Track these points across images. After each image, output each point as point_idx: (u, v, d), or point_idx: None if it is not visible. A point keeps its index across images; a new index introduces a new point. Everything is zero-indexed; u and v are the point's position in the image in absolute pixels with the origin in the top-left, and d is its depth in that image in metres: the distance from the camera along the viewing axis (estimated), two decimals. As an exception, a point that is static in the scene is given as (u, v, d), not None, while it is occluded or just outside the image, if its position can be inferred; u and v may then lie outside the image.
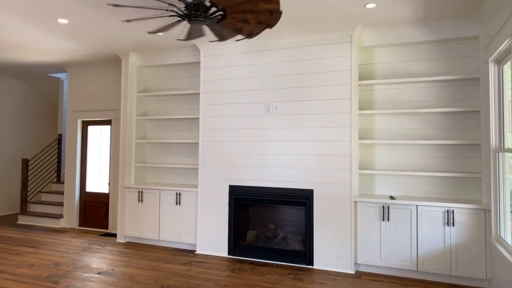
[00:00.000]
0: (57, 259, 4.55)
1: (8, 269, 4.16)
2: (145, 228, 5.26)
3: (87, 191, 6.44)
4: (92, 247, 5.12)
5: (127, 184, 5.39)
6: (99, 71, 6.29)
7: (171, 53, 5.33)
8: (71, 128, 6.48)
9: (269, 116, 4.59)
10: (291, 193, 4.46)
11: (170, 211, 5.12)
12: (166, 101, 5.65)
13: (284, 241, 4.68)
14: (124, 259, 4.59)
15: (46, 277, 3.93)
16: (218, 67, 4.87)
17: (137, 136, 5.56)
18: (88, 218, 6.39)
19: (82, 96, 6.41)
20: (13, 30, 4.49)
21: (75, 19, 4.11)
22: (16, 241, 5.43)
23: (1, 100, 7.43)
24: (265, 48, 4.64)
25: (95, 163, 6.45)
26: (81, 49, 5.31)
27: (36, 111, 8.13)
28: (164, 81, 5.68)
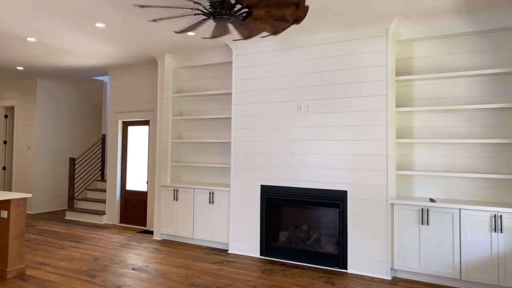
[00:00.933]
0: (96, 254, 4.75)
1: (51, 262, 4.40)
2: (180, 226, 5.35)
3: (127, 189, 6.68)
4: (130, 244, 5.29)
5: (163, 183, 5.52)
6: (138, 73, 6.50)
7: (204, 53, 5.38)
8: (113, 128, 6.75)
9: (301, 114, 4.48)
10: (324, 194, 4.33)
11: (203, 210, 5.17)
12: (200, 101, 5.72)
13: (317, 243, 4.55)
14: (158, 256, 4.69)
15: (84, 271, 4.11)
16: (249, 66, 4.84)
17: (173, 136, 5.67)
18: (128, 215, 6.63)
19: (122, 97, 6.66)
20: (57, 36, 4.75)
21: (111, 23, 4.26)
22: (62, 235, 5.74)
23: (52, 102, 7.91)
24: (296, 45, 4.54)
25: (134, 162, 6.68)
26: (120, 52, 5.51)
27: (82, 112, 8.57)
28: (199, 82, 5.74)
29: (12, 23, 4.30)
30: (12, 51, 5.53)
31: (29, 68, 6.70)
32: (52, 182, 7.95)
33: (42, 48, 5.31)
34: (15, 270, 3.89)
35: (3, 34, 4.70)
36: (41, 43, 5.08)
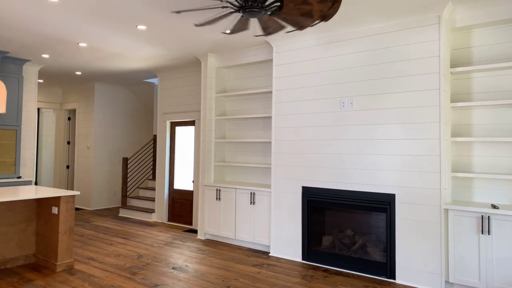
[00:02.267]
0: (141, 251, 4.87)
1: (99, 257, 4.58)
2: (223, 226, 5.32)
3: (175, 188, 6.82)
4: (174, 242, 5.36)
5: (206, 182, 5.53)
6: (184, 74, 6.61)
7: (245, 52, 5.30)
8: (161, 129, 6.94)
9: (344, 112, 4.22)
10: (370, 198, 4.03)
11: (245, 210, 5.09)
12: (243, 101, 5.65)
13: (363, 249, 4.26)
14: (199, 256, 4.69)
15: (127, 267, 4.21)
16: (290, 62, 4.66)
17: (216, 136, 5.67)
18: (176, 213, 6.76)
19: (169, 99, 6.82)
20: (104, 40, 4.95)
21: (152, 24, 4.33)
22: (113, 232, 6.00)
23: (108, 105, 8.35)
24: (339, 39, 4.28)
25: (182, 162, 6.80)
26: (165, 54, 5.62)
27: (136, 114, 8.95)
28: (241, 81, 5.68)
29: (65, 30, 4.54)
30: (68, 57, 5.89)
31: (86, 73, 7.12)
32: (109, 180, 8.39)
33: (94, 53, 5.58)
34: (64, 264, 4.09)
35: (59, 41, 5.00)
36: (92, 48, 5.33)
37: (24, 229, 4.28)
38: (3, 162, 5.78)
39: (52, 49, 5.42)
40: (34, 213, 4.36)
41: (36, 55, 5.76)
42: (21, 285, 3.63)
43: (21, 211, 4.25)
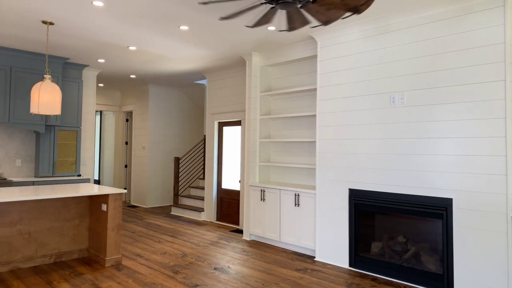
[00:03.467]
0: (186, 250, 4.92)
1: (145, 254, 4.70)
2: (268, 227, 5.21)
3: (223, 188, 6.85)
4: (220, 242, 5.36)
5: (251, 182, 5.46)
6: (230, 74, 6.61)
7: (290, 49, 5.14)
8: (210, 129, 7.01)
9: (394, 108, 3.89)
10: (424, 202, 3.67)
11: (289, 212, 4.93)
12: (288, 99, 5.50)
13: (416, 258, 3.89)
14: (243, 258, 4.62)
15: (170, 266, 4.27)
16: (335, 57, 4.42)
17: (261, 135, 5.57)
18: (224, 213, 6.79)
19: (217, 99, 6.86)
20: (151, 43, 5.08)
21: (194, 24, 4.34)
22: (163, 229, 6.16)
23: (161, 106, 8.65)
24: (389, 29, 3.96)
25: (229, 161, 6.81)
26: (211, 55, 5.65)
27: (188, 115, 9.18)
28: (286, 79, 5.53)
29: (113, 34, 4.73)
30: (121, 61, 6.16)
31: (140, 76, 7.42)
32: (162, 179, 8.68)
33: (143, 56, 5.77)
34: (112, 259, 4.25)
35: (110, 45, 5.23)
36: (141, 51, 5.51)
37: (78, 224, 4.52)
38: (65, 161, 6.20)
39: (106, 54, 5.70)
40: (87, 209, 4.59)
41: (93, 60, 6.10)
42: (72, 278, 3.81)
43: (75, 207, 4.49)
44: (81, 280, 3.76)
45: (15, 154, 5.95)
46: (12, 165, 5.92)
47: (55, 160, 6.06)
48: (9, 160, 5.89)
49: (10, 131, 5.89)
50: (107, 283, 3.67)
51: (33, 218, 4.17)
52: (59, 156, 6.13)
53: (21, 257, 4.08)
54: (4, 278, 3.77)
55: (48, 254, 4.26)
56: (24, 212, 4.11)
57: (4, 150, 5.84)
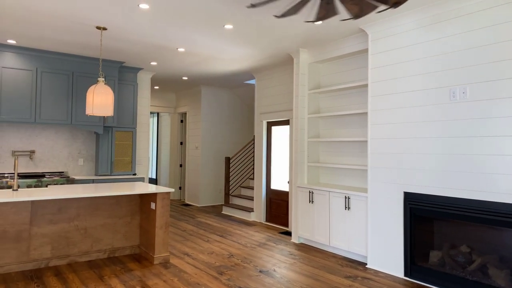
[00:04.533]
0: (233, 251, 4.88)
1: (193, 253, 4.74)
2: (316, 231, 5.01)
3: (272, 188, 6.75)
4: (267, 244, 5.26)
5: (299, 184, 5.29)
6: (278, 73, 6.48)
7: (339, 43, 4.89)
8: (258, 129, 6.95)
9: (455, 104, 3.50)
10: (493, 208, 3.25)
11: (339, 215, 4.68)
12: (338, 96, 5.24)
13: (482, 271, 3.47)
14: (290, 261, 4.47)
15: (216, 266, 4.25)
16: (387, 50, 4.11)
17: (310, 135, 5.38)
18: (273, 214, 6.68)
19: (265, 98, 6.77)
20: (198, 44, 5.12)
21: (238, 23, 4.29)
22: (212, 229, 6.21)
23: (213, 107, 8.77)
24: (448, 17, 3.58)
25: (278, 162, 6.69)
26: (258, 54, 5.57)
27: (238, 115, 9.21)
28: (335, 76, 5.28)
29: (161, 36, 4.83)
30: (172, 63, 6.31)
31: (192, 78, 7.57)
32: (215, 179, 8.80)
33: (192, 57, 5.85)
34: (160, 257, 4.33)
35: (160, 47, 5.37)
36: (189, 53, 5.59)
37: (130, 222, 4.68)
38: (122, 161, 6.50)
39: (157, 57, 5.87)
40: (137, 207, 4.74)
41: (146, 63, 6.32)
42: (122, 273, 3.94)
43: (126, 205, 4.66)
44: (130, 276, 3.86)
45: (78, 154, 6.35)
46: (75, 164, 6.33)
47: (113, 160, 6.37)
48: (72, 159, 6.30)
49: (74, 132, 6.31)
50: (154, 281, 3.74)
51: (88, 215, 4.39)
52: (116, 155, 6.44)
53: (78, 251, 4.31)
54: (61, 270, 4.00)
55: (102, 249, 4.46)
56: (81, 208, 4.34)
57: (68, 150, 6.26)
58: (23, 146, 5.90)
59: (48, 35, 4.78)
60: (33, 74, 5.52)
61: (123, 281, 3.71)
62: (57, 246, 4.18)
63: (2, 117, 5.29)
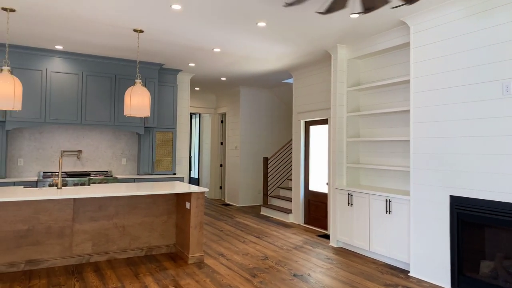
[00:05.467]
0: (268, 253, 4.79)
1: (228, 254, 4.71)
2: (355, 235, 4.78)
3: (310, 190, 6.57)
4: (304, 247, 5.11)
5: (338, 185, 5.09)
6: (315, 71, 6.30)
7: (378, 38, 4.63)
8: (296, 128, 6.80)
9: (508, 99, 3.16)
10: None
11: (380, 219, 4.43)
12: (379, 94, 4.97)
13: (542, 286, 3.10)
14: (326, 266, 4.30)
15: (249, 268, 4.18)
16: (431, 42, 3.81)
17: (349, 134, 5.15)
18: (311, 216, 6.50)
19: (303, 97, 6.61)
20: (233, 43, 5.09)
21: (271, 20, 4.19)
22: (249, 229, 6.16)
23: (252, 107, 8.74)
24: (499, 3, 3.23)
25: (316, 162, 6.50)
26: (294, 51, 5.43)
27: (277, 115, 9.11)
28: (375, 72, 5.01)
29: (196, 37, 4.86)
30: (209, 64, 6.34)
31: (230, 78, 7.58)
32: (254, 179, 8.76)
33: (228, 57, 5.84)
34: (195, 256, 4.35)
35: (196, 48, 5.41)
36: (225, 53, 5.58)
37: (166, 221, 4.74)
38: (162, 160, 6.65)
39: (194, 58, 5.92)
40: (174, 206, 4.80)
41: (184, 64, 6.41)
42: (157, 272, 3.99)
43: (163, 204, 4.73)
44: (164, 275, 3.90)
45: (121, 154, 6.59)
46: (119, 163, 6.57)
47: (154, 160, 6.53)
48: (116, 159, 6.55)
49: (117, 133, 6.54)
50: (186, 281, 3.74)
51: (127, 213, 4.50)
52: (157, 155, 6.59)
53: (117, 248, 4.44)
54: (101, 266, 4.13)
55: (140, 247, 4.56)
56: (119, 207, 4.47)
57: (112, 150, 6.51)
58: (71, 146, 6.21)
59: (91, 40, 4.99)
60: (78, 78, 5.79)
61: (156, 280, 3.75)
62: (97, 242, 4.33)
63: (51, 119, 5.60)
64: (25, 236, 3.99)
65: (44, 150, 6.01)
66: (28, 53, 5.42)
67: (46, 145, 6.02)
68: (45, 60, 5.56)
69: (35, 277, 3.76)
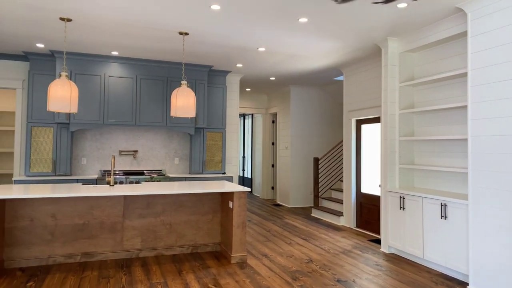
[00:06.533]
0: (313, 256, 4.64)
1: (272, 256, 4.64)
2: (408, 241, 4.45)
3: (362, 192, 6.27)
4: (353, 252, 4.88)
5: (389, 187, 4.78)
6: (366, 67, 5.99)
7: (433, 28, 4.26)
8: (347, 127, 6.53)
9: None
10: None
11: (434, 225, 4.08)
12: (435, 88, 4.58)
13: None
14: (374, 272, 4.06)
15: (292, 271, 4.07)
16: (492, 29, 3.40)
17: (402, 133, 4.82)
18: (364, 220, 6.20)
19: (354, 95, 6.33)
20: (277, 42, 5.01)
21: (313, 16, 4.05)
22: (297, 231, 6.03)
23: (302, 106, 8.58)
24: None
25: (368, 163, 6.19)
26: (341, 47, 5.22)
27: (329, 114, 8.84)
28: (431, 65, 4.62)
29: (239, 36, 4.85)
30: (256, 64, 6.33)
31: (279, 78, 7.51)
32: (305, 180, 8.60)
33: (274, 56, 5.77)
34: (238, 256, 4.34)
35: (241, 49, 5.42)
36: (270, 52, 5.52)
37: (211, 219, 4.80)
38: (212, 160, 6.77)
39: (241, 58, 5.94)
40: (219, 205, 4.84)
41: (232, 65, 6.47)
42: (199, 270, 4.05)
43: (208, 203, 4.79)
44: (206, 273, 3.95)
45: (174, 153, 6.83)
46: (172, 163, 6.82)
47: (204, 159, 6.67)
48: (169, 158, 6.80)
49: (170, 133, 6.80)
50: (226, 280, 3.75)
51: (173, 211, 4.64)
52: (208, 155, 6.73)
53: (164, 245, 4.58)
54: (148, 262, 4.30)
55: (185, 244, 4.67)
56: (166, 204, 4.61)
57: (165, 150, 6.77)
58: (128, 146, 6.57)
59: (142, 44, 5.22)
60: (133, 81, 6.10)
61: (198, 277, 3.81)
62: (146, 238, 4.51)
63: (109, 121, 5.96)
64: (81, 229, 4.28)
65: (104, 150, 6.42)
66: (88, 59, 5.83)
67: (105, 145, 6.43)
68: (103, 65, 5.94)
69: (88, 269, 4.01)
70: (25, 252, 4.08)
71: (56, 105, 4.02)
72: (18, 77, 6.07)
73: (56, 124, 5.86)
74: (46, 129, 5.85)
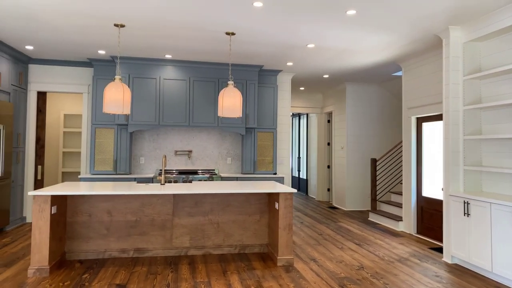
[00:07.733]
0: (365, 263, 4.37)
1: (320, 260, 4.46)
2: (473, 251, 4.00)
3: (423, 196, 5.80)
4: (409, 260, 4.51)
5: (452, 191, 4.34)
6: (427, 60, 5.51)
7: (502, 13, 3.77)
8: (406, 126, 6.09)
9: None
10: None
11: (505, 234, 3.61)
12: (508, 81, 4.06)
13: None
14: (432, 284, 3.70)
15: (340, 277, 3.86)
16: None
17: (467, 131, 4.35)
18: (425, 226, 5.73)
19: (414, 91, 5.87)
20: (324, 36, 4.81)
21: (361, 6, 3.80)
22: (351, 235, 5.75)
23: (359, 104, 8.20)
24: None
25: (430, 164, 5.70)
26: (397, 40, 4.86)
27: (389, 112, 8.34)
28: (502, 54, 4.10)
29: (285, 33, 4.74)
30: (307, 61, 6.15)
31: (333, 75, 7.24)
32: (362, 182, 8.21)
33: (324, 52, 5.55)
34: (284, 259, 4.23)
35: (289, 46, 5.29)
36: (320, 48, 5.32)
37: (259, 220, 4.74)
38: (263, 160, 6.73)
39: (290, 56, 5.81)
40: (266, 206, 4.77)
41: (282, 64, 6.36)
42: (244, 271, 4.00)
43: (255, 203, 4.74)
44: (250, 275, 3.89)
45: (226, 153, 6.90)
46: (224, 162, 6.89)
47: (256, 159, 6.65)
48: (222, 158, 6.88)
49: (222, 134, 6.88)
50: (270, 283, 3.65)
51: (221, 210, 4.65)
52: (258, 155, 6.70)
53: (212, 244, 4.62)
54: (195, 260, 4.35)
55: (233, 244, 4.66)
56: (214, 204, 4.64)
57: (218, 150, 6.87)
58: (183, 146, 6.76)
59: (193, 46, 5.33)
60: (187, 83, 6.27)
61: (241, 279, 3.76)
62: (194, 237, 4.58)
63: (164, 122, 6.19)
64: (134, 226, 4.46)
65: (161, 150, 6.68)
66: (144, 63, 6.11)
67: (162, 145, 6.68)
68: (158, 68, 6.18)
69: (139, 264, 4.17)
70: (84, 245, 4.35)
71: (110, 107, 4.23)
72: (84, 82, 6.55)
73: (116, 125, 6.22)
74: (108, 130, 6.23)
